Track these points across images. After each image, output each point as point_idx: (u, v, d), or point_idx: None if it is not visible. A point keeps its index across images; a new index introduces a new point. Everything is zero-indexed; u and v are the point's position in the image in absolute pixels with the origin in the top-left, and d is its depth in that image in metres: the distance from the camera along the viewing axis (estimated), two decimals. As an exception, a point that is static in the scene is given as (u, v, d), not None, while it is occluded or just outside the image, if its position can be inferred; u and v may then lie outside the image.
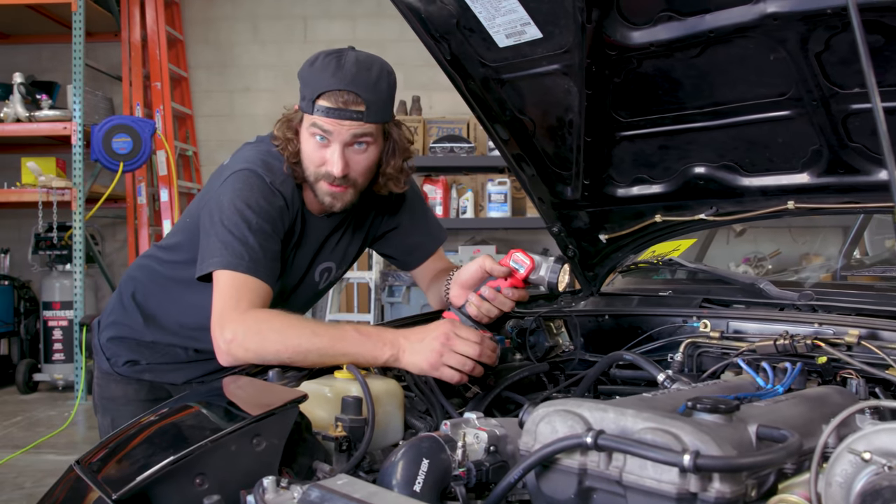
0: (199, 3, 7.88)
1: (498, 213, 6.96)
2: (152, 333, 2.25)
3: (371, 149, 1.97)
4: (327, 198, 1.98)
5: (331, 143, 1.92)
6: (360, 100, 1.89)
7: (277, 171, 1.99)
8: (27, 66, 7.40)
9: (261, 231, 1.90)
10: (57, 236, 6.72)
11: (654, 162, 1.95)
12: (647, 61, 1.71)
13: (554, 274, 1.81)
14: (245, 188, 1.93)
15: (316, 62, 1.93)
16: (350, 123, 1.90)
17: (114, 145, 6.54)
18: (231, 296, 1.82)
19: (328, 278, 2.26)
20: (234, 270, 1.84)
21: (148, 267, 2.27)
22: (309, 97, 1.91)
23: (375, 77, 1.92)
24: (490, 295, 1.82)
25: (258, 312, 1.80)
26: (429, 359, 1.69)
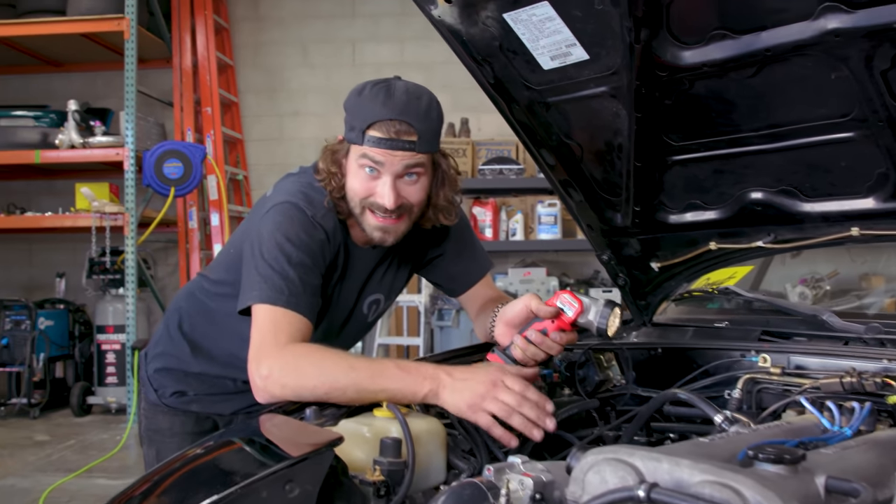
0: (249, 28, 7.96)
1: (548, 235, 6.87)
2: (199, 364, 2.22)
3: (422, 180, 1.91)
4: (377, 232, 1.93)
5: (381, 175, 1.87)
6: (413, 129, 1.83)
7: (319, 204, 1.94)
8: (82, 94, 7.51)
9: (301, 265, 1.85)
10: (110, 261, 6.78)
11: (708, 187, 1.86)
12: (699, 82, 1.63)
13: (603, 319, 1.72)
14: (285, 221, 1.89)
15: (364, 92, 1.88)
16: (402, 154, 1.84)
17: (165, 170, 6.60)
18: (269, 331, 1.77)
19: (377, 310, 2.21)
20: (274, 305, 1.79)
21: (194, 297, 2.25)
22: (359, 127, 1.85)
23: (426, 107, 1.86)
24: (536, 338, 1.75)
25: (296, 347, 1.75)
26: (469, 399, 1.61)
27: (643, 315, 2.21)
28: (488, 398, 1.61)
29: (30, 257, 8.15)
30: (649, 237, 2.03)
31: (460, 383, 1.64)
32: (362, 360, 1.73)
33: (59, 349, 7.25)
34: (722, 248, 1.95)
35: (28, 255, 8.16)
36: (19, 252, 8.12)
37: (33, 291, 7.85)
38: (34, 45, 7.36)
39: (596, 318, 1.73)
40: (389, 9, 7.72)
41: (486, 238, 6.77)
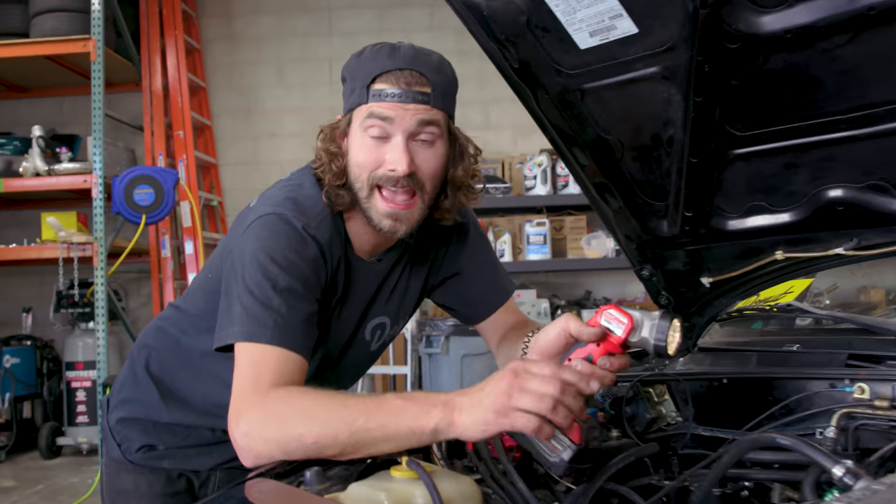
0: (222, 49, 7.67)
1: (537, 256, 6.61)
2: (171, 412, 1.88)
3: (438, 144, 1.62)
4: (386, 220, 1.62)
5: (391, 137, 1.58)
6: (425, 80, 1.57)
7: (312, 211, 1.63)
8: (48, 120, 7.18)
9: (289, 291, 1.54)
10: (79, 293, 6.45)
11: (777, 185, 1.57)
12: (776, 55, 1.34)
13: (661, 334, 1.41)
14: (270, 238, 1.58)
15: (364, 52, 1.63)
16: (415, 108, 1.56)
17: (136, 197, 6.28)
18: (249, 377, 1.46)
19: (381, 337, 1.89)
20: (256, 342, 1.48)
21: (164, 333, 1.91)
22: (361, 84, 1.58)
23: (437, 61, 1.61)
24: (583, 369, 1.41)
25: (278, 393, 1.43)
26: (493, 405, 1.25)
27: (687, 339, 1.90)
28: (515, 393, 1.25)
29: (-6, 292, 7.77)
30: (701, 247, 1.73)
31: (477, 396, 1.29)
32: (358, 397, 1.40)
33: (25, 388, 6.87)
34: (791, 257, 1.65)
35: (-8, 290, 7.77)
36: (-18, 287, 7.74)
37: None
38: (-4, 70, 7.03)
39: (652, 334, 1.42)
40: (367, 26, 7.47)
41: (503, 265, 6.48)
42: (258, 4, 7.60)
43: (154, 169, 6.52)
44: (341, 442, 1.34)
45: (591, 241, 6.53)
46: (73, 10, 6.43)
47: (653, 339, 1.42)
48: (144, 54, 7.13)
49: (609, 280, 7.26)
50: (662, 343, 1.41)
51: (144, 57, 7.13)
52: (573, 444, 1.33)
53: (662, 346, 1.41)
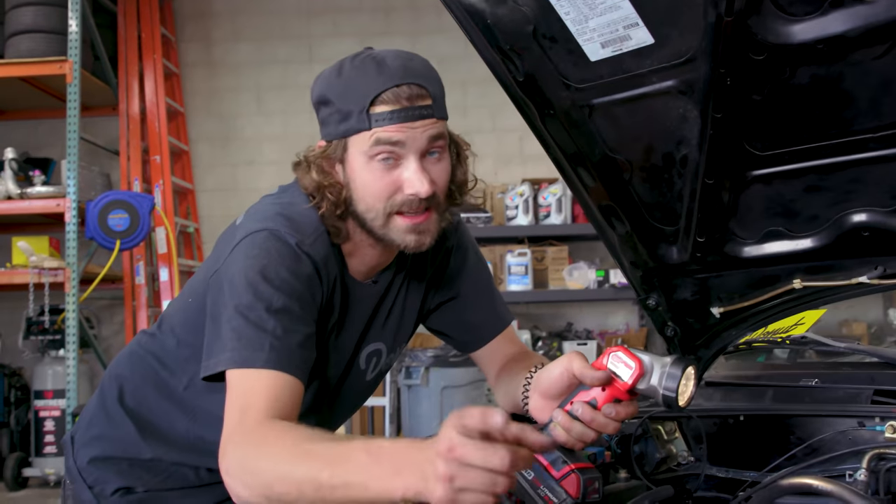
0: (201, 74, 7.56)
1: (518, 286, 6.53)
2: (152, 448, 1.72)
3: (444, 157, 1.52)
4: (411, 237, 1.51)
5: (400, 161, 1.47)
6: (425, 91, 1.45)
7: (306, 227, 1.52)
8: (23, 143, 7.03)
9: (284, 311, 1.41)
10: (49, 320, 6.29)
11: (797, 209, 1.48)
12: (803, 68, 1.25)
13: (671, 383, 1.28)
14: (262, 255, 1.45)
15: (344, 70, 1.50)
16: (423, 124, 1.45)
17: (110, 222, 6.13)
18: (237, 408, 1.33)
19: (377, 366, 1.76)
20: (249, 367, 1.36)
21: (139, 361, 1.76)
22: (357, 109, 1.45)
23: (424, 66, 1.50)
24: (584, 414, 1.30)
25: (261, 431, 1.30)
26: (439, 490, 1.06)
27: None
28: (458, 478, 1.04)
29: (-39, 318, 7.55)
30: (713, 275, 1.63)
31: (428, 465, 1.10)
32: (326, 445, 1.24)
33: (-8, 417, 6.67)
34: (809, 285, 1.55)
35: (-41, 316, 7.55)
36: (-50, 313, 7.52)
37: (-34, 355, 7.25)
38: (-32, 91, 6.88)
39: (661, 382, 1.29)
40: (347, 53, 7.38)
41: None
42: (238, 32, 7.52)
43: (129, 194, 6.38)
44: (308, 498, 1.19)
45: (573, 271, 6.46)
46: (49, 31, 6.31)
47: (662, 389, 1.29)
48: (122, 78, 7.01)
49: (591, 311, 7.19)
50: (673, 394, 1.28)
51: (122, 80, 7.01)
52: (569, 498, 1.23)
53: (673, 398, 1.29)
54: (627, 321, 7.00)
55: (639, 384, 1.31)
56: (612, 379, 1.32)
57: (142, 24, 7.06)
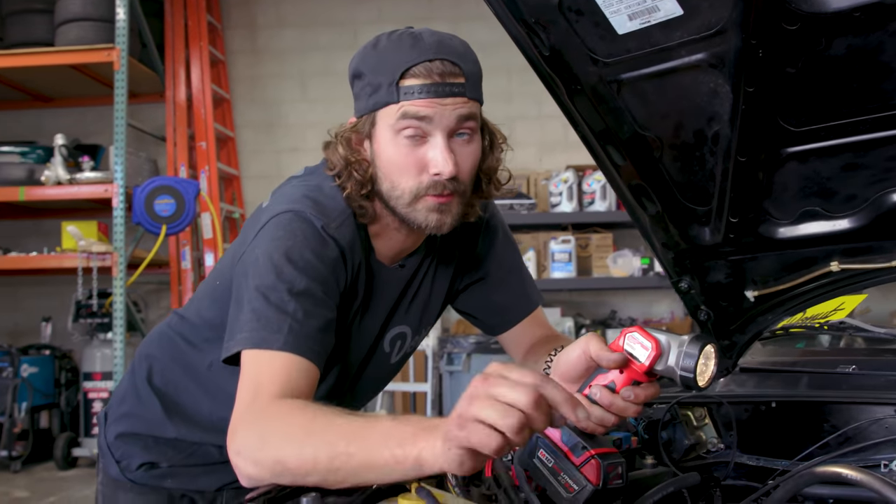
0: (246, 61, 7.61)
1: (562, 274, 6.46)
2: (176, 428, 1.74)
3: (474, 140, 1.48)
4: (434, 215, 1.48)
5: (427, 138, 1.43)
6: (458, 69, 1.42)
7: (332, 210, 1.49)
8: (73, 130, 7.16)
9: (306, 294, 1.39)
10: (97, 303, 6.38)
11: (834, 188, 1.42)
12: (840, 39, 1.19)
13: (689, 362, 1.21)
14: (287, 237, 1.43)
15: (380, 43, 1.47)
16: (453, 101, 1.41)
17: (156, 207, 6.21)
18: (251, 387, 1.31)
19: (402, 348, 1.74)
20: (265, 349, 1.34)
21: (168, 342, 1.77)
22: (387, 81, 1.42)
23: (462, 45, 1.46)
24: (602, 397, 1.25)
25: (273, 408, 1.28)
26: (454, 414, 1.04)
27: (727, 358, 1.75)
28: (479, 398, 1.02)
29: (15, 301, 7.72)
30: (747, 257, 1.58)
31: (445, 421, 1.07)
32: (347, 417, 1.21)
33: (43, 398, 6.80)
34: (847, 268, 1.49)
35: (14, 300, 7.72)
36: (4, 296, 7.70)
37: (19, 337, 7.42)
38: (22, 79, 7.00)
39: (678, 362, 1.21)
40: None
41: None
42: (282, 18, 7.55)
43: (175, 179, 6.46)
44: (321, 469, 1.17)
45: (618, 259, 6.38)
46: (97, 19, 6.41)
47: (679, 369, 1.22)
48: (169, 65, 7.10)
49: (635, 299, 7.10)
50: (690, 375, 1.21)
51: (169, 68, 7.10)
52: (589, 485, 1.19)
53: (691, 378, 1.21)
54: (672, 309, 6.91)
55: (656, 365, 1.25)
56: (629, 361, 1.27)
57: (188, 11, 7.13)
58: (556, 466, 1.26)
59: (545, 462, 1.27)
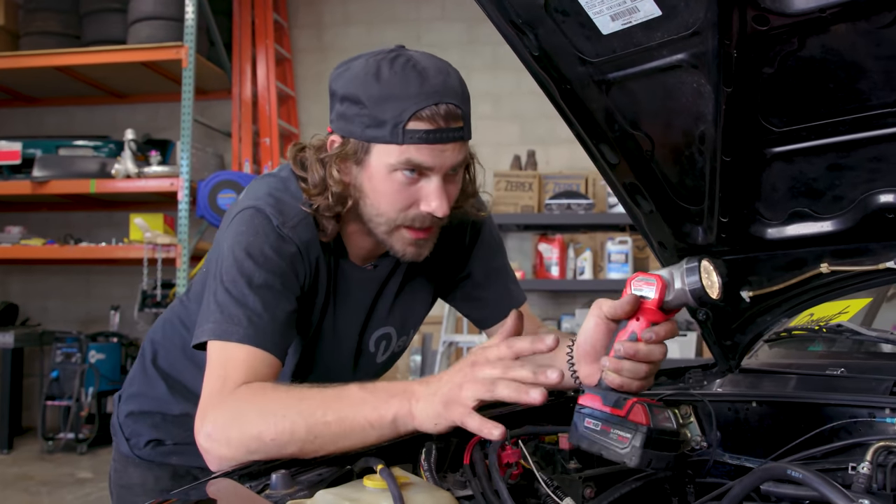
0: (312, 59, 7.75)
1: (618, 275, 6.42)
2: (181, 404, 1.83)
3: (461, 174, 1.54)
4: (411, 249, 1.53)
5: (421, 179, 1.47)
6: (459, 112, 1.45)
7: (291, 209, 1.54)
8: (144, 125, 7.45)
9: (265, 287, 1.46)
10: (161, 293, 6.58)
11: (821, 189, 1.41)
12: (812, 38, 1.19)
13: (692, 275, 1.28)
14: (248, 232, 1.50)
15: (382, 73, 1.45)
16: (452, 147, 1.45)
17: (219, 201, 6.38)
18: (216, 377, 1.39)
19: (388, 348, 1.79)
20: (227, 340, 1.41)
21: (170, 326, 1.87)
22: (392, 121, 1.43)
23: (458, 81, 1.49)
24: (627, 350, 1.29)
25: (242, 390, 1.36)
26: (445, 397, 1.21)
27: (728, 359, 1.74)
28: (467, 383, 1.19)
29: (87, 290, 8.03)
30: (739, 257, 1.57)
31: (434, 384, 1.24)
32: (319, 389, 1.32)
33: (109, 383, 7.05)
34: (837, 270, 1.48)
35: (86, 287, 8.03)
36: (77, 284, 8.01)
37: (90, 324, 7.73)
38: (97, 76, 7.28)
39: (684, 281, 1.28)
40: (456, 38, 7.43)
41: (552, 277, 6.37)
42: (348, 16, 7.66)
43: (238, 174, 6.62)
44: (299, 438, 1.27)
45: (674, 261, 6.29)
46: (168, 18, 6.63)
47: (687, 287, 1.28)
48: (236, 63, 7.28)
49: (692, 303, 6.98)
50: (698, 286, 1.27)
51: (236, 65, 7.28)
52: (641, 427, 1.21)
53: (699, 289, 1.27)
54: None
55: (666, 296, 1.30)
56: (641, 303, 1.31)
57: (256, 10, 7.30)
58: (604, 427, 1.28)
59: (593, 428, 1.30)
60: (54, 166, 6.73)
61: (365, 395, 1.27)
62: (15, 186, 6.73)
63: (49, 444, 6.76)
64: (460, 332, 6.41)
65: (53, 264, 7.70)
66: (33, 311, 7.79)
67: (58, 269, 7.87)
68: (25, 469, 6.29)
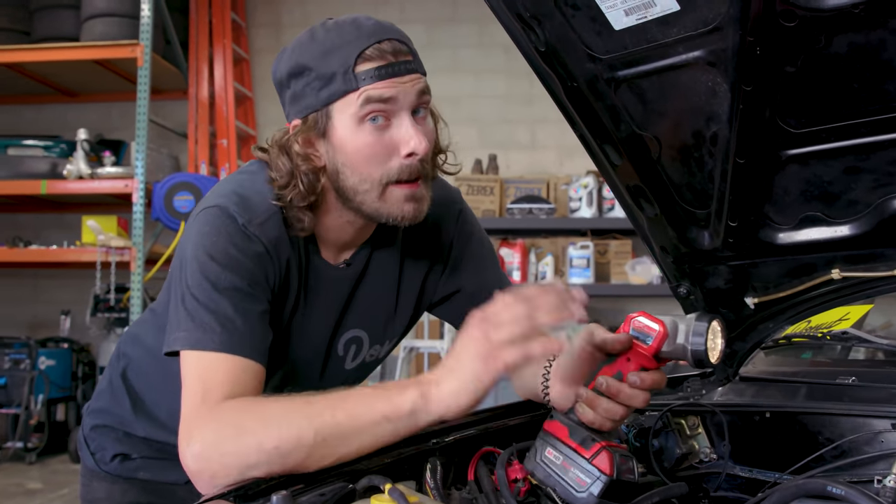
0: (270, 60, 7.47)
1: (580, 279, 6.42)
2: (144, 427, 1.73)
3: (429, 117, 1.45)
4: (409, 205, 1.43)
5: (391, 120, 1.39)
6: (406, 47, 1.40)
7: (258, 206, 1.43)
8: (97, 125, 7.23)
9: (233, 289, 1.36)
10: (115, 298, 6.41)
11: (835, 193, 1.37)
12: (840, 36, 1.15)
13: (699, 336, 1.22)
14: (211, 233, 1.39)
15: (316, 35, 1.40)
16: (411, 79, 1.38)
17: (175, 203, 6.23)
18: (197, 391, 1.28)
19: (358, 354, 1.67)
20: (202, 350, 1.31)
21: (139, 339, 1.76)
22: (341, 70, 1.35)
23: (393, 24, 1.44)
24: (611, 388, 1.23)
25: (233, 403, 1.26)
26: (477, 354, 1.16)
27: (727, 367, 1.70)
28: (491, 332, 1.16)
29: (35, 294, 7.80)
30: (746, 263, 1.53)
31: (451, 361, 1.19)
32: (320, 394, 1.25)
33: (60, 390, 6.84)
34: (849, 276, 1.44)
35: (34, 292, 7.80)
36: (25, 288, 7.77)
37: (38, 329, 7.49)
38: (47, 73, 7.07)
39: (688, 339, 1.22)
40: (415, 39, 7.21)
41: (513, 281, 6.31)
42: (306, 15, 7.55)
43: (195, 176, 6.48)
44: (307, 444, 1.17)
45: (636, 266, 6.33)
46: (123, 15, 6.46)
47: (690, 346, 1.22)
48: (192, 62, 7.13)
49: (654, 307, 6.94)
50: (702, 348, 1.22)
51: (192, 65, 7.13)
52: (603, 476, 1.16)
53: (702, 352, 1.22)
54: (691, 318, 6.82)
55: (665, 346, 1.24)
56: (635, 345, 1.25)
57: (213, 9, 7.16)
58: (565, 463, 1.23)
59: (553, 460, 1.24)
60: (3, 166, 6.53)
61: (375, 391, 1.21)
62: (-39, 187, 6.50)
63: (-3, 455, 6.54)
64: (420, 338, 6.35)
65: (0, 267, 7.46)
66: (-21, 316, 7.55)
67: (4, 272, 7.62)
68: (-29, 480, 6.07)
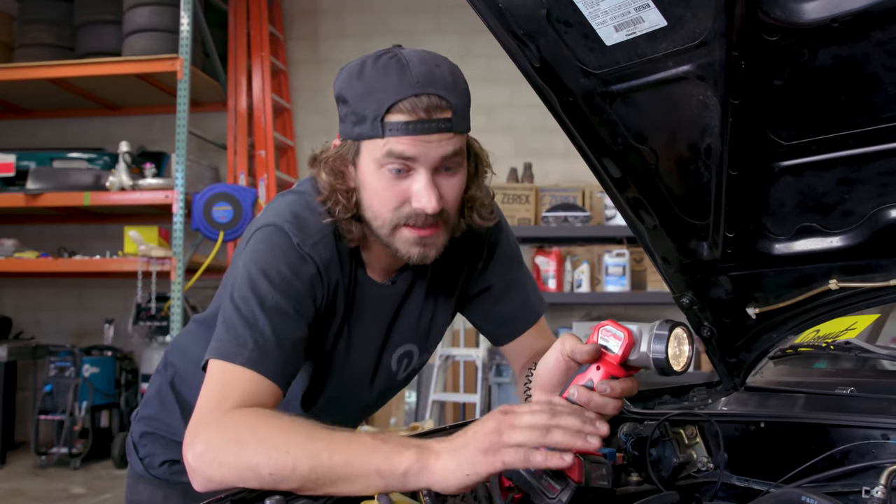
0: (307, 71, 7.73)
1: (615, 287, 6.40)
2: None
3: (459, 172, 1.47)
4: (416, 249, 1.47)
5: (411, 172, 1.42)
6: (445, 103, 1.39)
7: (312, 226, 1.49)
8: (139, 137, 7.40)
9: (277, 310, 1.41)
10: (156, 307, 6.53)
11: (830, 203, 1.38)
12: (824, 49, 1.16)
13: (659, 343, 1.23)
14: (266, 251, 1.45)
15: (365, 71, 1.43)
16: (438, 138, 1.39)
17: (214, 214, 6.35)
18: (214, 395, 1.33)
19: (409, 366, 1.74)
20: (230, 362, 1.36)
21: (186, 350, 1.82)
22: (372, 115, 1.39)
23: (450, 73, 1.43)
24: (580, 396, 1.26)
25: (241, 414, 1.30)
26: (481, 444, 1.15)
27: (733, 376, 1.71)
28: (505, 430, 1.15)
29: (80, 303, 7.97)
30: (745, 273, 1.54)
31: (459, 440, 1.18)
32: (326, 430, 1.27)
33: (103, 397, 7.00)
34: (846, 286, 1.44)
35: (79, 301, 7.97)
36: (70, 297, 7.95)
37: (83, 337, 7.67)
38: (90, 87, 7.25)
39: (650, 347, 1.23)
40: (451, 50, 7.38)
41: (549, 290, 6.33)
42: (343, 28, 7.65)
43: (233, 187, 6.59)
44: (300, 476, 1.21)
45: (672, 274, 6.27)
46: (163, 30, 6.61)
47: (651, 353, 1.24)
48: (231, 75, 7.26)
49: (690, 316, 6.96)
50: (662, 356, 1.23)
51: (231, 77, 7.25)
52: (573, 484, 1.17)
53: (663, 360, 1.23)
54: (727, 326, 6.75)
55: (630, 355, 1.26)
56: (604, 354, 1.28)
57: (251, 22, 7.29)
58: (538, 470, 1.25)
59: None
60: (48, 179, 6.69)
61: (377, 443, 1.21)
62: (8, 199, 6.68)
63: (42, 459, 6.69)
64: (457, 346, 6.38)
65: (46, 277, 7.64)
66: (26, 325, 7.74)
67: (50, 281, 7.81)
68: (17, 484, 6.22)
